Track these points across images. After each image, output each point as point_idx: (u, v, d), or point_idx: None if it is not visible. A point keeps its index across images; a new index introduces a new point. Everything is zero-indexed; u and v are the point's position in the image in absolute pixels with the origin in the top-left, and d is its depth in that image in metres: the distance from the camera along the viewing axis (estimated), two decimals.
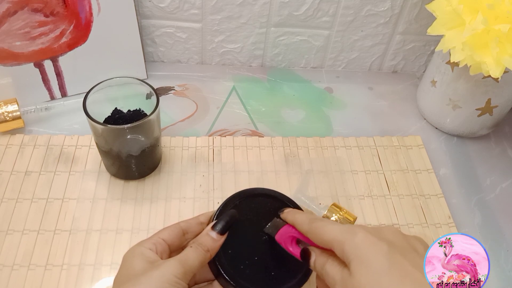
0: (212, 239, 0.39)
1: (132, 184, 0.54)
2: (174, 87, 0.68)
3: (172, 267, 0.35)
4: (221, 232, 0.39)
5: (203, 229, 0.41)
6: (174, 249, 0.39)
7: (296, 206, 0.46)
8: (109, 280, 0.46)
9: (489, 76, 0.51)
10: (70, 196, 0.53)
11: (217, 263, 0.39)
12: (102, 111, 0.52)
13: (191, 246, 0.38)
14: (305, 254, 0.39)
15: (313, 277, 0.45)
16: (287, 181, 0.57)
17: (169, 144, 0.59)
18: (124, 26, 0.62)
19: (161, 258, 0.37)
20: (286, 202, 0.46)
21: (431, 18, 0.54)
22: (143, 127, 0.49)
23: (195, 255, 0.37)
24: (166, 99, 0.66)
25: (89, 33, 0.60)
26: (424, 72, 0.72)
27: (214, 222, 0.40)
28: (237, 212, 0.42)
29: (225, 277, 0.39)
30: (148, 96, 0.52)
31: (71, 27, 0.58)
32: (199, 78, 0.70)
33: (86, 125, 0.52)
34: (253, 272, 0.40)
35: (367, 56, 0.73)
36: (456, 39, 0.52)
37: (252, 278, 0.40)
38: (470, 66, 0.52)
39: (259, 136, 0.62)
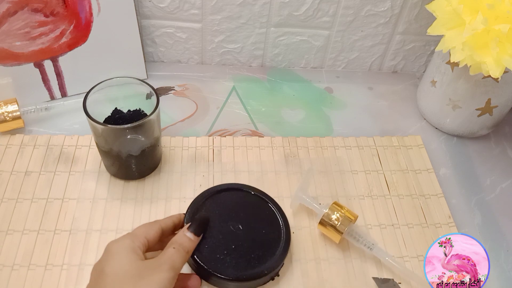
0: (189, 240, 0.42)
1: (132, 184, 0.54)
2: (174, 87, 0.68)
3: (167, 273, 0.37)
4: (197, 234, 0.43)
5: (175, 229, 0.44)
6: (151, 246, 0.42)
7: (258, 193, 0.51)
8: None
9: (489, 76, 0.51)
10: (70, 196, 0.53)
11: (198, 260, 0.43)
12: (102, 111, 0.52)
13: (174, 247, 0.40)
14: None
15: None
16: (287, 181, 0.56)
17: (169, 144, 0.59)
18: (124, 26, 0.62)
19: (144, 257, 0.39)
20: (248, 191, 0.50)
21: (431, 18, 0.54)
22: (143, 127, 0.49)
23: (180, 258, 0.40)
24: (166, 99, 0.66)
25: (89, 33, 0.60)
26: (424, 72, 0.72)
27: (189, 224, 0.44)
28: (207, 214, 0.47)
29: (207, 270, 0.43)
30: (148, 96, 0.52)
31: (71, 27, 0.58)
32: (199, 78, 0.70)
33: (86, 125, 0.52)
34: (234, 258, 0.44)
35: (367, 56, 0.73)
36: (456, 39, 0.52)
37: (233, 264, 0.44)
38: (470, 66, 0.52)
39: (259, 136, 0.62)
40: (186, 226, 0.43)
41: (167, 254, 0.39)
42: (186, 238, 0.42)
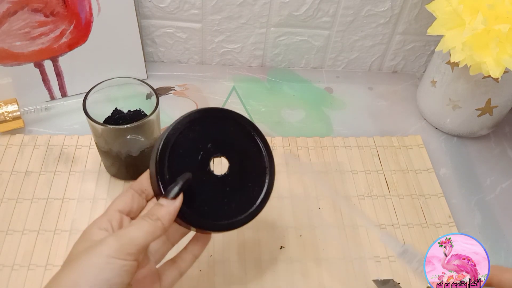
0: (162, 206, 0.34)
1: None
2: (174, 87, 0.68)
3: (104, 246, 0.31)
4: (171, 196, 0.34)
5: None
6: (135, 215, 0.37)
7: (248, 124, 0.40)
8: None
9: (489, 76, 0.51)
10: (70, 196, 0.53)
11: (182, 218, 0.35)
12: (102, 111, 0.52)
13: (135, 219, 0.34)
14: None
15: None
16: (287, 181, 0.56)
17: None
18: (124, 26, 0.62)
19: None
20: (226, 115, 0.40)
21: (431, 18, 0.54)
22: (143, 127, 0.49)
23: (138, 226, 0.33)
24: (166, 99, 0.66)
25: (89, 33, 0.60)
26: (424, 72, 0.72)
27: (165, 191, 0.35)
28: (190, 174, 0.36)
29: (199, 227, 0.36)
30: (148, 96, 0.52)
31: (71, 27, 0.58)
32: (199, 78, 0.70)
33: (86, 125, 0.52)
34: (221, 203, 0.37)
35: (367, 56, 0.73)
36: (456, 39, 0.52)
37: (225, 210, 0.37)
38: (470, 66, 0.52)
39: None
40: (161, 196, 0.35)
41: (124, 227, 0.33)
42: (158, 205, 0.34)
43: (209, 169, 0.38)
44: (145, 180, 0.38)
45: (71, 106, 0.61)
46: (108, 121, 0.53)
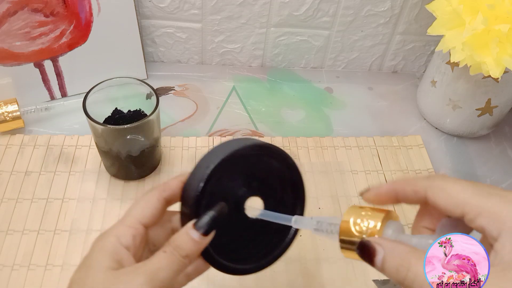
0: (193, 242, 0.30)
1: (132, 185, 0.54)
2: (174, 87, 0.68)
3: (134, 286, 0.28)
4: (205, 232, 0.30)
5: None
6: (156, 222, 0.33)
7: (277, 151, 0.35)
8: None
9: (489, 76, 0.51)
10: (70, 196, 0.53)
11: (210, 261, 0.33)
12: (102, 111, 0.52)
13: (164, 251, 0.30)
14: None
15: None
16: None
17: (169, 144, 0.59)
18: (124, 26, 0.62)
19: (137, 254, 0.31)
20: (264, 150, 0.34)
21: (431, 18, 0.54)
22: (143, 127, 0.49)
23: (168, 264, 0.29)
24: (166, 99, 0.66)
25: (89, 33, 0.60)
26: (424, 72, 0.72)
27: (196, 219, 0.31)
28: (226, 205, 0.32)
29: (228, 272, 0.35)
30: (148, 96, 0.52)
31: (71, 27, 0.58)
32: (199, 78, 0.70)
33: (86, 125, 0.52)
34: (243, 246, 0.35)
35: (367, 56, 0.73)
36: (456, 39, 0.52)
37: (251, 256, 0.35)
38: (470, 66, 0.52)
39: (259, 136, 0.62)
40: (191, 222, 0.30)
41: (152, 260, 0.30)
42: (188, 238, 0.30)
43: (243, 209, 0.34)
44: (177, 189, 0.33)
45: (71, 106, 0.61)
46: (108, 121, 0.53)
